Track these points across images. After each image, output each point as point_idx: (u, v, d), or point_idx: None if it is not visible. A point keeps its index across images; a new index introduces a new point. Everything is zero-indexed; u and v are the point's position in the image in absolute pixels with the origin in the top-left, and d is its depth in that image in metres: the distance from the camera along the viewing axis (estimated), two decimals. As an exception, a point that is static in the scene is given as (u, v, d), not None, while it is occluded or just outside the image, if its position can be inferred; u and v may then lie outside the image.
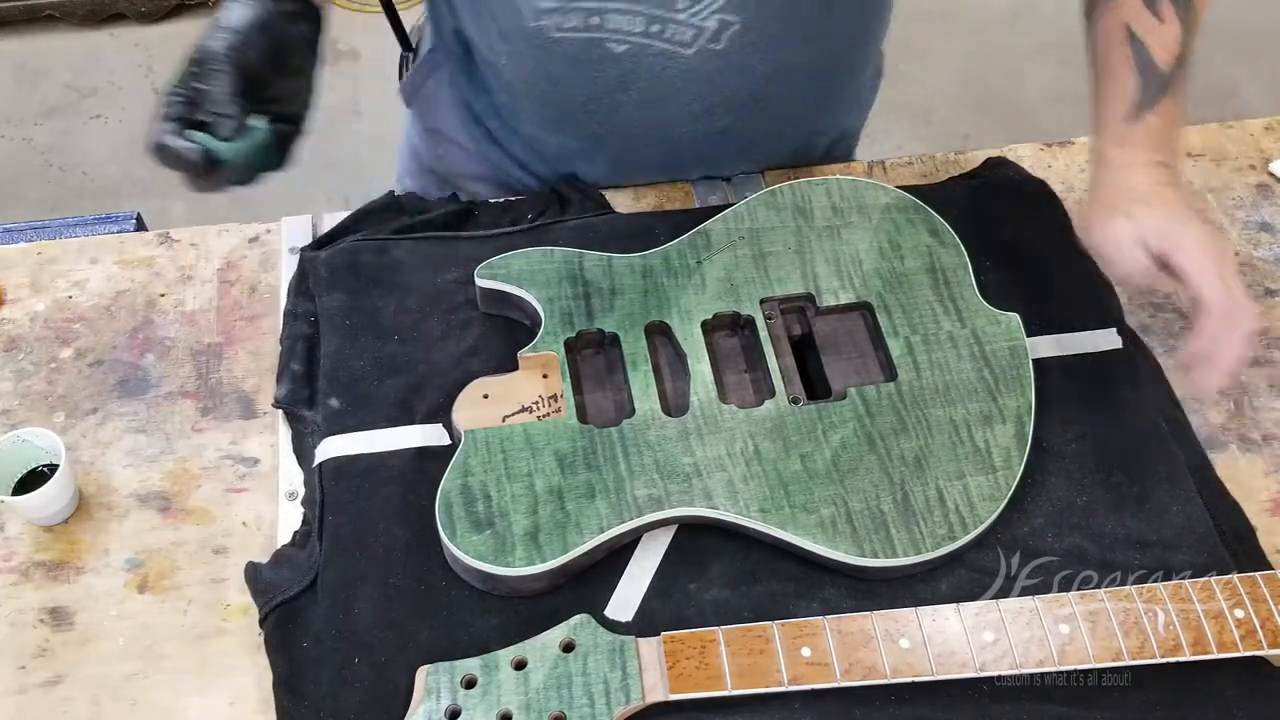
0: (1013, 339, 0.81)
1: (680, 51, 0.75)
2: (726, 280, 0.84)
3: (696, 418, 0.77)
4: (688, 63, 0.77)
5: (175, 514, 0.78)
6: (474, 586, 0.72)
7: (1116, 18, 0.72)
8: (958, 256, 0.85)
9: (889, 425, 0.77)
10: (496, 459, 0.74)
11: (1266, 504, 0.80)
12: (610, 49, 0.75)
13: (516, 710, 0.65)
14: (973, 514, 0.73)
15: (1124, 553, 0.75)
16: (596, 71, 0.80)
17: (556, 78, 0.83)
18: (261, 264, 0.91)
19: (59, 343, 0.87)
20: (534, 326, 0.81)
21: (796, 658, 0.66)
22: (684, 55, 0.76)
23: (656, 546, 0.75)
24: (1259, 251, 0.93)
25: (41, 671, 0.72)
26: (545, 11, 0.77)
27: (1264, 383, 0.86)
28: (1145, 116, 0.71)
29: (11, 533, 0.77)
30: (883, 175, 0.98)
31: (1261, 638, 0.68)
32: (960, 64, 2.38)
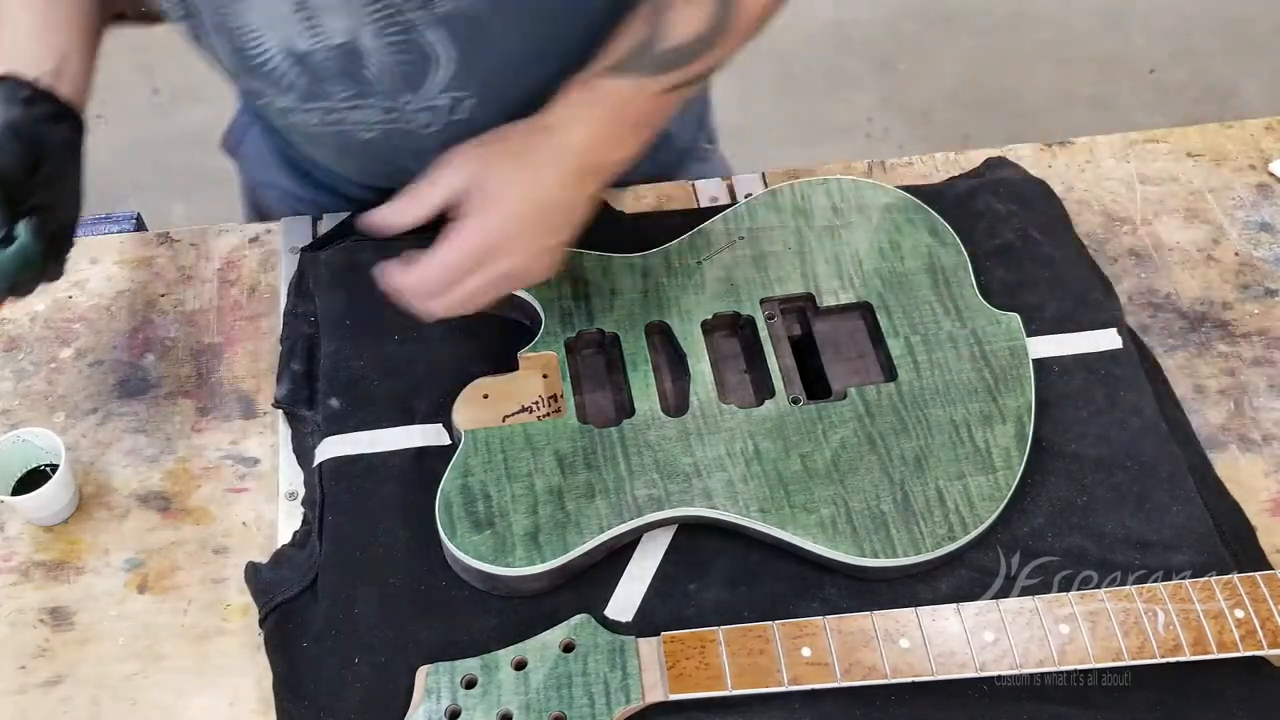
0: (1013, 339, 0.81)
1: (425, 131, 0.74)
2: (726, 280, 0.84)
3: (696, 418, 0.77)
4: (441, 135, 0.75)
5: (175, 514, 0.78)
6: (474, 586, 0.72)
7: None
8: (958, 256, 0.85)
9: (889, 425, 0.77)
10: (496, 459, 0.74)
11: (1266, 504, 0.80)
12: (360, 136, 0.74)
13: (516, 710, 0.65)
14: (973, 514, 0.73)
15: (1124, 553, 0.75)
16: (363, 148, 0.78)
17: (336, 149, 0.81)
18: (261, 264, 0.91)
19: (59, 343, 0.87)
20: (534, 326, 0.81)
21: (796, 658, 0.66)
22: (432, 132, 0.74)
23: (656, 546, 0.75)
24: (1259, 251, 0.93)
25: (41, 671, 0.72)
26: (287, 110, 0.76)
27: (1264, 383, 0.86)
28: (623, 79, 0.68)
29: (11, 533, 0.77)
30: (883, 175, 0.98)
31: (1261, 638, 0.68)
32: (960, 64, 2.38)
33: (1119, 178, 0.98)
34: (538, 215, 0.69)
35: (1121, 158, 1.00)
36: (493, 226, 0.68)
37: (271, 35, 0.65)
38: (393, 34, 0.65)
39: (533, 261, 0.70)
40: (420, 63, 0.68)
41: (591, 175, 0.71)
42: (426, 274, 0.68)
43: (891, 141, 2.23)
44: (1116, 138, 1.02)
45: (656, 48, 0.68)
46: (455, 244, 0.68)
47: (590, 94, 0.70)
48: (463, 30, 0.66)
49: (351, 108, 0.71)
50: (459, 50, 0.68)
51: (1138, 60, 2.38)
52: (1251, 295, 0.91)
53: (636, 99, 0.69)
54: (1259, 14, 2.46)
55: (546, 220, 0.70)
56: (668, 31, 0.68)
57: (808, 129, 2.27)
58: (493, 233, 0.68)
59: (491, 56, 0.70)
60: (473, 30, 0.67)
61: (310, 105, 0.71)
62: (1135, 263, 0.93)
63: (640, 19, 0.69)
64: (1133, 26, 2.45)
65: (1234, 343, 0.88)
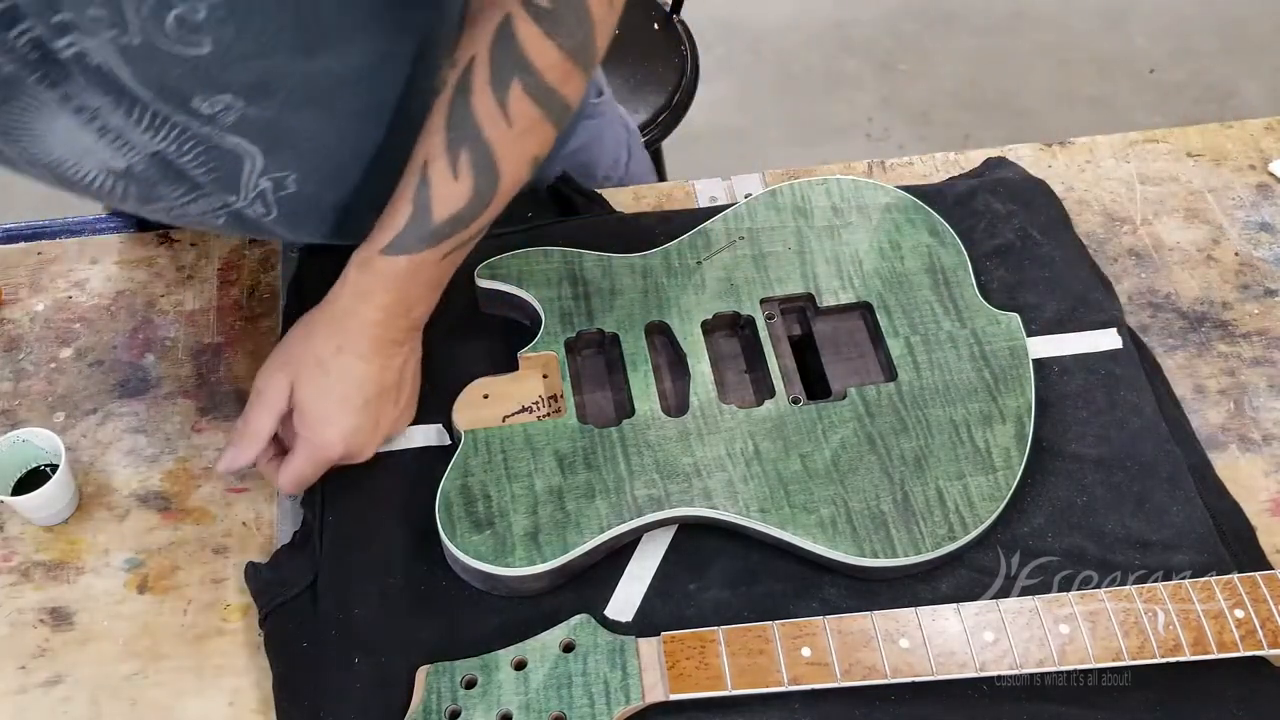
0: (1012, 339, 0.81)
1: (265, 217, 0.74)
2: (726, 280, 0.84)
3: (696, 418, 0.77)
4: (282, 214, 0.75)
5: (175, 514, 0.78)
6: (474, 586, 0.72)
7: (423, 147, 0.68)
8: (958, 256, 0.85)
9: (889, 425, 0.77)
10: (496, 459, 0.74)
11: (1266, 504, 0.80)
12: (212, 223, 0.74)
13: (516, 710, 0.65)
14: (973, 514, 0.73)
15: (1124, 553, 0.75)
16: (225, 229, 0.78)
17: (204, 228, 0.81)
18: (261, 264, 0.91)
19: (59, 343, 0.87)
20: (534, 326, 0.81)
21: (796, 658, 0.66)
22: (271, 218, 0.74)
23: (656, 547, 0.75)
24: (1259, 251, 0.93)
25: (41, 671, 0.72)
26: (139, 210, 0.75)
27: (1264, 383, 0.86)
28: (399, 258, 0.69)
29: (11, 533, 0.77)
30: (883, 175, 0.98)
31: (1261, 638, 0.68)
32: (960, 64, 2.38)
33: (1119, 178, 0.98)
34: (368, 410, 0.73)
35: (1121, 158, 1.00)
36: (331, 441, 0.72)
37: (87, 160, 0.66)
38: (191, 151, 0.66)
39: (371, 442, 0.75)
40: (231, 163, 0.68)
41: (397, 344, 0.74)
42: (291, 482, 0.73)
43: (891, 141, 2.23)
44: (1116, 138, 1.02)
45: (426, 226, 0.69)
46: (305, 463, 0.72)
47: (371, 276, 0.70)
48: (257, 130, 0.66)
49: (189, 202, 0.71)
50: (261, 145, 0.68)
51: (1138, 60, 2.38)
52: (1251, 295, 0.91)
53: (419, 270, 0.70)
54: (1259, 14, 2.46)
55: (378, 406, 0.74)
56: (434, 209, 0.68)
57: (808, 129, 2.27)
58: (332, 447, 0.72)
59: (296, 140, 0.70)
60: (266, 128, 0.67)
61: (151, 206, 0.71)
62: (1135, 263, 0.93)
63: (403, 199, 0.69)
64: (1133, 26, 2.45)
65: (1234, 343, 0.88)
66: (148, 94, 0.60)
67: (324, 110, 0.69)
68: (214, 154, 0.67)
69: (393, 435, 0.77)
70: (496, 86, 0.66)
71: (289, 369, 0.72)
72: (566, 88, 0.67)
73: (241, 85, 0.62)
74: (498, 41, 0.65)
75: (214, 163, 0.67)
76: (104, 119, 0.62)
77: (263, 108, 0.65)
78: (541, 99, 0.67)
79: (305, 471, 0.73)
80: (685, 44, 1.54)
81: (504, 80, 0.66)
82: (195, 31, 0.56)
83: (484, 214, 0.70)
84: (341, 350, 0.72)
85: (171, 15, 0.55)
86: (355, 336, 0.72)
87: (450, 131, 0.67)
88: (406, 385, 0.76)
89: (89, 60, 0.58)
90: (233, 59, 0.59)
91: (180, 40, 0.57)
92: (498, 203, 0.70)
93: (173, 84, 0.60)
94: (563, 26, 0.65)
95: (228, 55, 0.59)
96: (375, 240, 0.70)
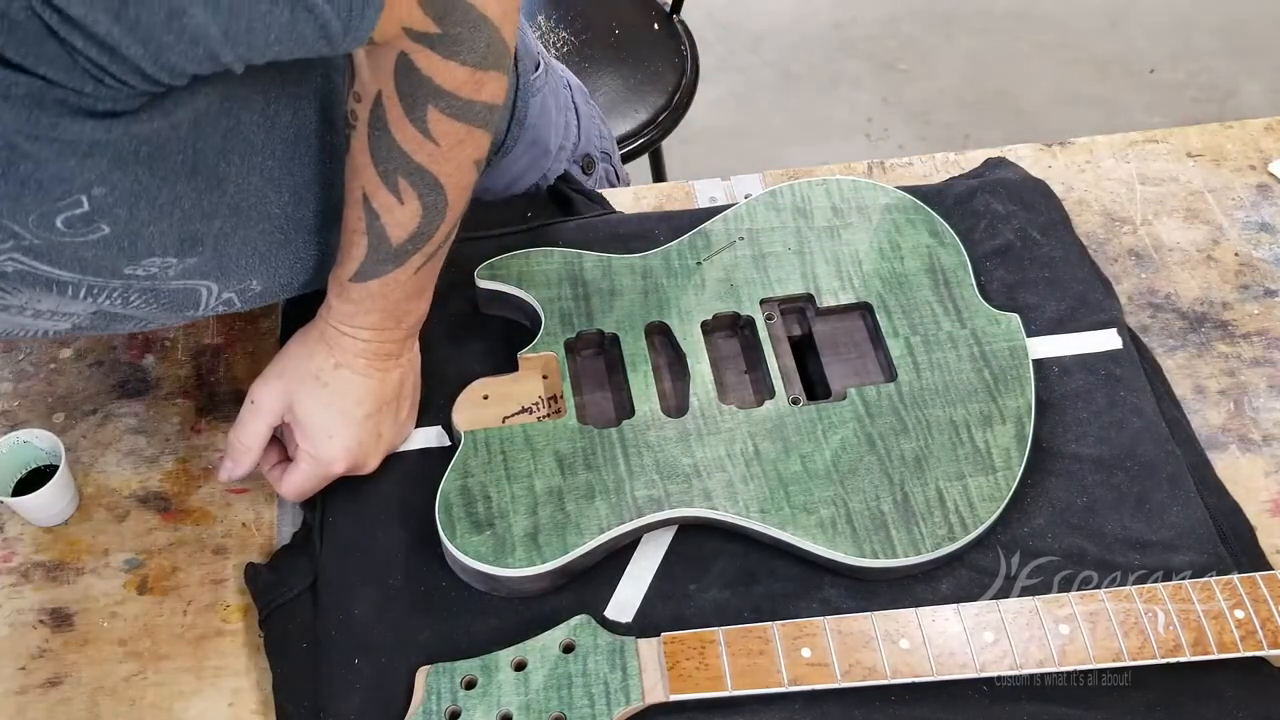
0: (1012, 339, 0.81)
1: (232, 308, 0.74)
2: (726, 280, 0.84)
3: (696, 418, 0.77)
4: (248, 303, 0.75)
5: (175, 514, 0.78)
6: (474, 587, 0.72)
7: (356, 182, 0.67)
8: (958, 256, 0.85)
9: (889, 426, 0.77)
10: (496, 460, 0.74)
11: (1266, 504, 0.80)
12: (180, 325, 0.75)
13: (516, 711, 0.65)
14: (973, 514, 0.73)
15: (1124, 553, 0.75)
16: None
17: None
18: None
19: (59, 343, 0.87)
20: (534, 327, 0.81)
21: (796, 658, 0.66)
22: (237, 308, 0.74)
23: (656, 547, 0.75)
24: (1259, 251, 0.93)
25: (41, 671, 0.72)
26: None
27: (1264, 383, 0.86)
28: (369, 283, 0.69)
29: (11, 533, 0.77)
30: (883, 175, 0.98)
31: (1261, 638, 0.68)
32: (960, 64, 2.38)
33: (1119, 178, 0.98)
34: (369, 423, 0.73)
35: (1121, 158, 1.00)
36: (335, 456, 0.72)
37: (31, 328, 0.66)
38: (139, 299, 0.66)
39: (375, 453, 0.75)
40: (185, 295, 0.68)
41: (393, 356, 0.73)
42: (293, 493, 0.73)
43: (891, 141, 2.23)
44: (1116, 138, 1.01)
45: (386, 250, 0.68)
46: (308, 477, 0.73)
47: (350, 303, 0.71)
48: (202, 272, 0.66)
49: (151, 323, 0.72)
50: (211, 280, 0.68)
51: (1138, 60, 2.38)
52: (1251, 295, 0.91)
53: (394, 288, 0.70)
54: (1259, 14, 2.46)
55: (379, 419, 0.74)
56: (390, 234, 0.68)
57: (808, 129, 2.27)
58: (330, 462, 0.72)
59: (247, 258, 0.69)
60: (210, 267, 0.66)
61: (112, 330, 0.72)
62: (1135, 263, 0.93)
63: (355, 232, 0.68)
64: (1133, 26, 2.45)
65: (1234, 343, 0.88)
66: (75, 276, 0.60)
67: (256, 224, 0.68)
68: (164, 296, 0.67)
69: (395, 446, 0.77)
70: (413, 117, 0.64)
71: (286, 383, 0.72)
72: (484, 94, 0.65)
73: (165, 246, 0.61)
74: (400, 76, 0.62)
75: (166, 300, 0.67)
76: (35, 306, 0.62)
77: (198, 255, 0.64)
78: (462, 114, 0.65)
79: (307, 485, 0.73)
80: (685, 44, 1.54)
81: (419, 110, 0.63)
82: (87, 224, 0.55)
83: (443, 224, 0.69)
84: (339, 366, 0.72)
85: (59, 220, 0.54)
86: (351, 355, 0.72)
87: (379, 165, 0.66)
88: (407, 397, 0.76)
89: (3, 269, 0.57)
90: (139, 227, 0.58)
91: (77, 234, 0.56)
92: (453, 210, 0.69)
93: (94, 263, 0.59)
94: (461, 45, 0.61)
95: (131, 225, 0.57)
96: (342, 269, 0.70)
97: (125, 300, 0.65)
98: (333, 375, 0.72)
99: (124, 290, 0.64)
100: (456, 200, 0.69)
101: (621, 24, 1.54)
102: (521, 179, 0.97)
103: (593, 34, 1.53)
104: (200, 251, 0.64)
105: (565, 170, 0.97)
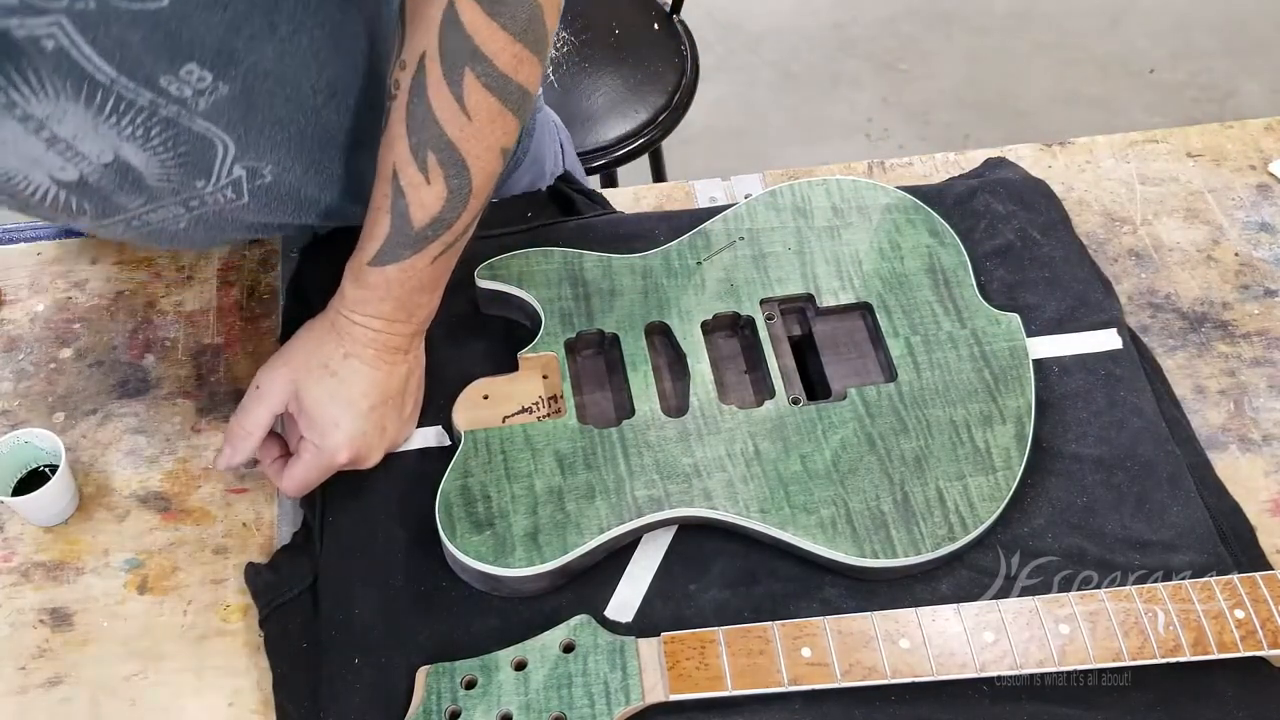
0: (1012, 339, 0.81)
1: (235, 202, 0.73)
2: (726, 280, 0.84)
3: (696, 418, 0.77)
4: (254, 203, 0.75)
5: (175, 514, 0.78)
6: (474, 587, 0.72)
7: (389, 155, 0.68)
8: (958, 256, 0.85)
9: (889, 425, 0.77)
10: (496, 460, 0.74)
11: (1266, 504, 0.80)
12: (173, 229, 0.74)
13: (516, 711, 0.65)
14: (973, 514, 0.73)
15: (1124, 553, 0.75)
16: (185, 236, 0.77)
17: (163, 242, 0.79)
18: (261, 264, 0.91)
19: (59, 343, 0.87)
20: (534, 327, 0.81)
21: (796, 658, 0.66)
22: (241, 203, 0.74)
23: (656, 547, 0.75)
24: (1259, 251, 0.93)
25: (41, 671, 0.72)
26: (91, 228, 0.73)
27: (1264, 383, 0.86)
28: (387, 268, 0.70)
29: (11, 533, 0.77)
30: (883, 175, 0.98)
31: (1261, 638, 0.68)
32: (960, 64, 2.38)
33: (1119, 178, 0.98)
34: (374, 415, 0.73)
35: (1121, 158, 1.00)
36: (338, 445, 0.72)
37: (35, 172, 0.64)
38: (159, 136, 0.65)
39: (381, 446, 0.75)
40: (202, 149, 0.67)
41: (402, 351, 0.74)
42: (295, 486, 0.73)
43: (891, 141, 2.23)
44: (1116, 138, 1.02)
45: (408, 234, 0.69)
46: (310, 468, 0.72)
47: (366, 289, 0.71)
48: (228, 115, 0.66)
49: (150, 211, 0.71)
50: (233, 135, 0.67)
51: (1138, 60, 2.38)
52: (1251, 295, 0.91)
53: (410, 276, 0.71)
54: (1259, 14, 2.46)
55: (383, 412, 0.74)
56: (412, 216, 0.69)
57: (808, 129, 2.27)
58: (335, 453, 0.72)
59: (266, 126, 0.69)
60: (237, 113, 0.66)
61: (108, 220, 0.71)
62: (1135, 263, 0.93)
63: (380, 210, 0.69)
64: (1133, 26, 2.45)
65: (1234, 343, 0.88)
66: (111, 71, 0.59)
67: (288, 89, 0.68)
68: (184, 139, 0.66)
69: (397, 444, 0.77)
70: (451, 81, 0.66)
71: (293, 370, 0.72)
72: (520, 74, 0.67)
73: (205, 52, 0.61)
74: (445, 30, 0.65)
75: (184, 148, 0.66)
76: (52, 128, 0.61)
77: (230, 82, 0.64)
78: (497, 88, 0.67)
79: (309, 476, 0.73)
80: (685, 44, 1.54)
81: (457, 73, 0.65)
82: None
83: (464, 213, 0.70)
84: (348, 356, 0.72)
85: None
86: (360, 345, 0.72)
87: (412, 136, 0.67)
88: (411, 395, 0.76)
89: (44, 45, 0.56)
90: (191, 10, 0.58)
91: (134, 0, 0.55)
92: (475, 200, 0.70)
93: (135, 55, 0.59)
94: (506, 8, 0.65)
95: (186, 6, 0.58)
96: (362, 253, 0.71)
97: (146, 137, 0.64)
98: (341, 364, 0.72)
99: (148, 118, 0.63)
100: (480, 189, 0.70)
101: (621, 24, 1.54)
102: None
103: (593, 34, 1.53)
104: (232, 78, 0.64)
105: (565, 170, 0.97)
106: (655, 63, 1.51)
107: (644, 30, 1.55)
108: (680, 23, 1.56)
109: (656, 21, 1.55)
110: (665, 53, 1.52)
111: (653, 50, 1.53)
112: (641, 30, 1.54)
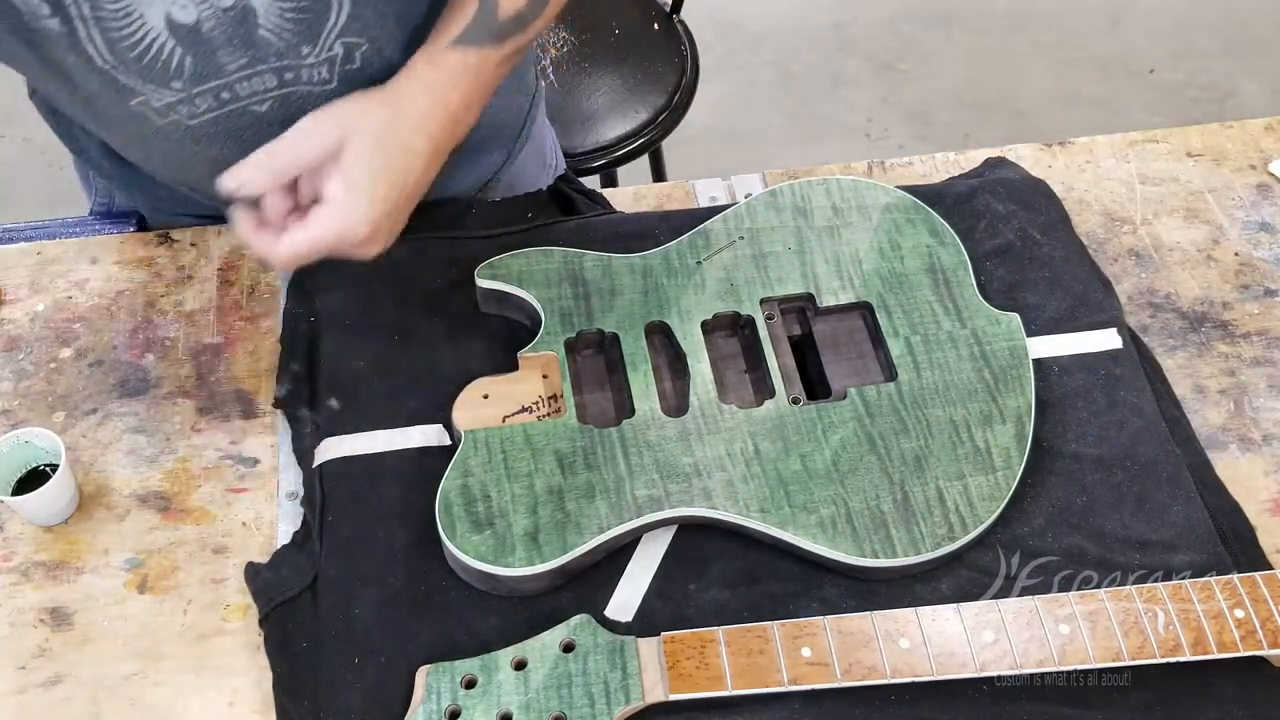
0: (1012, 339, 0.81)
1: (322, 88, 0.73)
2: (726, 280, 0.84)
3: (696, 418, 0.77)
4: (333, 92, 0.74)
5: (175, 514, 0.78)
6: (474, 587, 0.72)
7: None
8: (958, 256, 0.85)
9: (889, 425, 0.77)
10: (496, 459, 0.74)
11: (1266, 504, 0.80)
12: (254, 111, 0.72)
13: (516, 710, 0.65)
14: (973, 514, 0.73)
15: (1124, 553, 0.75)
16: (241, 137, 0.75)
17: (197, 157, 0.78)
18: (261, 264, 0.91)
19: (59, 343, 0.87)
20: (534, 327, 0.81)
21: (796, 658, 0.66)
22: (328, 89, 0.73)
23: (656, 547, 0.75)
24: (1259, 251, 0.93)
25: (41, 671, 0.72)
26: (171, 106, 0.71)
27: (1264, 383, 0.86)
28: (468, 50, 0.70)
29: (11, 533, 0.77)
30: (882, 175, 0.98)
31: (1261, 638, 0.68)
32: (960, 64, 2.38)
33: (1119, 178, 0.98)
34: (403, 202, 0.71)
35: (1121, 158, 1.00)
36: (363, 217, 0.68)
37: (153, 10, 0.64)
38: None
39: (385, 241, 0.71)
40: (321, 8, 0.68)
41: (443, 154, 0.73)
42: (294, 251, 0.68)
43: (891, 141, 2.23)
44: (1116, 138, 1.02)
45: (493, 21, 0.70)
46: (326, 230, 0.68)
47: (440, 71, 0.71)
48: None
49: (245, 78, 0.69)
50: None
51: (1138, 60, 2.38)
52: (1251, 295, 0.91)
53: (481, 69, 0.71)
54: (1259, 14, 2.46)
55: (406, 208, 0.72)
56: (500, 6, 0.71)
57: (808, 129, 2.27)
58: (359, 223, 0.68)
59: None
60: None
61: (200, 88, 0.69)
62: (1135, 263, 0.93)
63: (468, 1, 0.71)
64: (1133, 26, 2.45)
65: (1234, 343, 0.88)
66: None
67: None
68: None
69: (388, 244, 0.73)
70: None
71: (344, 128, 0.68)
72: None
73: None
74: None
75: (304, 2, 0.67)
76: None
77: None
78: None
79: (319, 242, 0.68)
80: (685, 44, 1.54)
81: None
82: None
83: (540, 17, 0.72)
84: (401, 136, 0.69)
85: None
86: (416, 132, 0.70)
87: None
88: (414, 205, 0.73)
89: None
90: None
91: None
92: (552, 8, 0.73)
93: None
94: None
95: None
96: (444, 33, 0.71)
97: None
98: (393, 140, 0.69)
99: None
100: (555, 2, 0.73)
101: (621, 24, 1.54)
102: None
103: (593, 34, 1.52)
104: None
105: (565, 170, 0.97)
106: (655, 63, 1.51)
107: (644, 30, 1.54)
108: (680, 23, 1.56)
109: (656, 21, 1.55)
110: (665, 53, 1.52)
111: (653, 50, 1.53)
112: (641, 30, 1.54)
